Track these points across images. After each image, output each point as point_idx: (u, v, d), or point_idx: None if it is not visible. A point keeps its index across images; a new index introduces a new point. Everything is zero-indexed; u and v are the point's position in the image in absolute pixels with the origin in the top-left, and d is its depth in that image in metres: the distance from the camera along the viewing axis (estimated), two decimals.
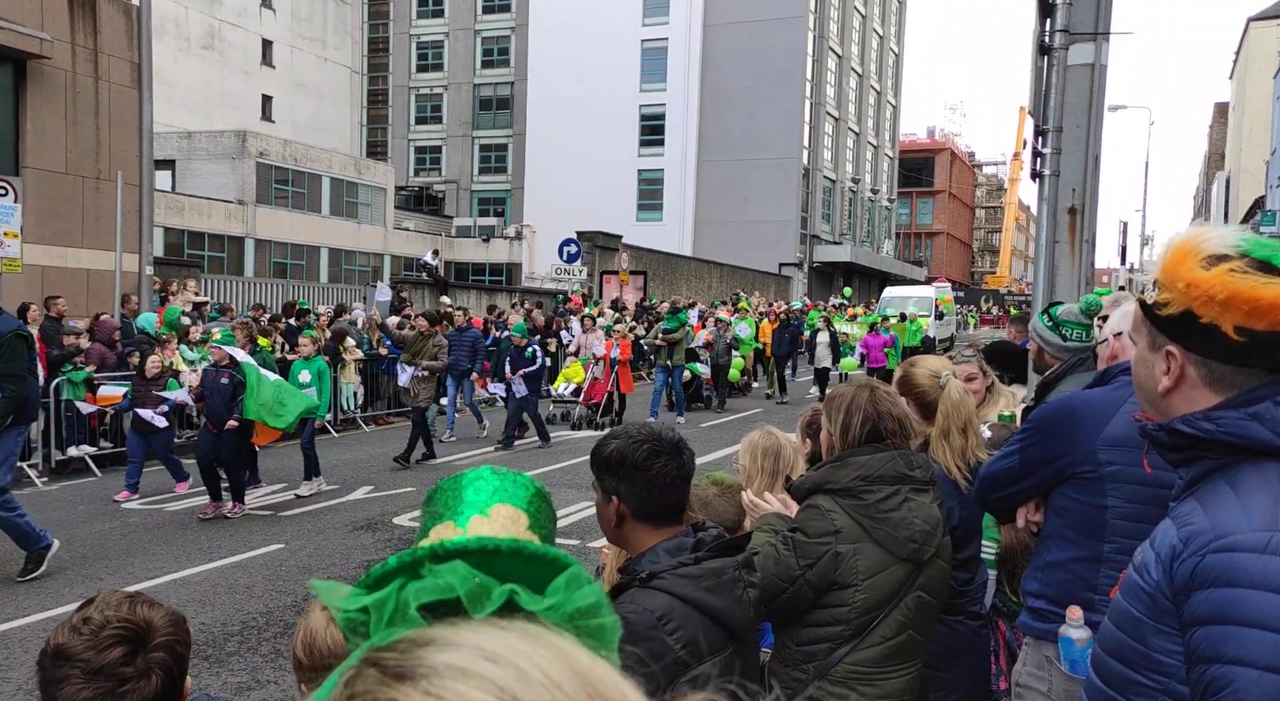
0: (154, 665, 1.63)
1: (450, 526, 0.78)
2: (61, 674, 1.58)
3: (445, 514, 0.81)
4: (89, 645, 1.60)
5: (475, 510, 0.79)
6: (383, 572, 0.62)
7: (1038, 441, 2.51)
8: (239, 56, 41.86)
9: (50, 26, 15.31)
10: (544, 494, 0.85)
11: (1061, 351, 3.37)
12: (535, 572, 0.62)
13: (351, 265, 36.41)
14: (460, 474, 0.85)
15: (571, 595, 0.60)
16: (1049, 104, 5.34)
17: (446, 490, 0.85)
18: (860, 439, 2.53)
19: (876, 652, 2.41)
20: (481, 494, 0.81)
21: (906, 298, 31.47)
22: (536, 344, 13.33)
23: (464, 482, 0.84)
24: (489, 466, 0.87)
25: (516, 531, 0.78)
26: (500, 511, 0.79)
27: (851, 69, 53.14)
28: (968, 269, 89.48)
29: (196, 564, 7.34)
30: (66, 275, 15.24)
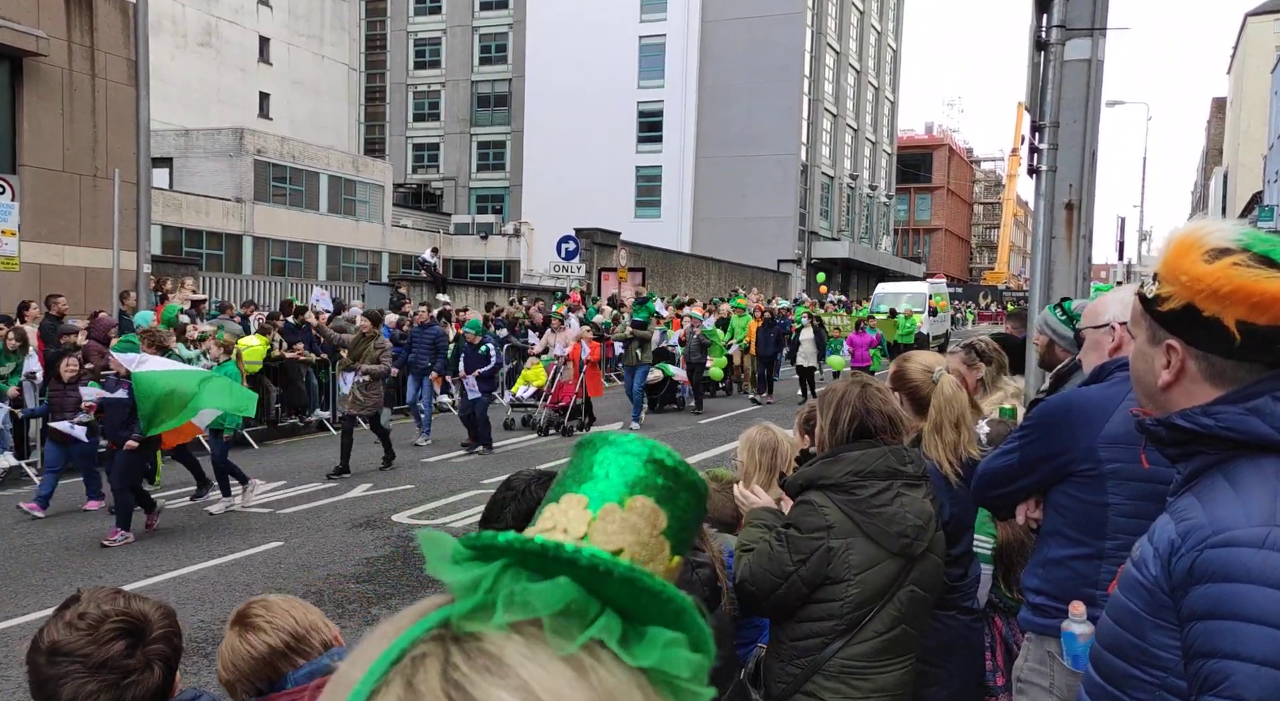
0: (154, 657, 1.64)
1: (581, 504, 0.69)
2: (62, 670, 1.58)
3: (583, 483, 0.71)
4: (89, 639, 1.59)
5: (613, 496, 0.69)
6: (490, 544, 0.58)
7: (1037, 439, 2.51)
8: (236, 53, 41.79)
9: (46, 24, 15.27)
10: (700, 491, 0.74)
11: (1073, 345, 3.38)
12: (646, 605, 0.57)
13: (350, 263, 36.38)
14: (620, 439, 0.74)
15: (666, 658, 0.55)
16: (1046, 99, 5.34)
17: (597, 451, 0.74)
18: (848, 435, 2.54)
19: (870, 647, 2.41)
20: (628, 475, 0.71)
21: (900, 294, 31.18)
22: (491, 341, 12.58)
23: (613, 455, 0.73)
24: (651, 442, 0.74)
25: (649, 533, 0.69)
26: (638, 505, 0.69)
27: (850, 65, 53.10)
28: (966, 265, 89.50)
29: (196, 561, 7.34)
30: (64, 273, 15.22)
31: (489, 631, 0.53)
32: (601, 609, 0.56)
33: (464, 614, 0.54)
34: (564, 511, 0.70)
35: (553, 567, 0.57)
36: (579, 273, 26.33)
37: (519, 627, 0.53)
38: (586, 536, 0.68)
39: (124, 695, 1.59)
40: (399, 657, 0.51)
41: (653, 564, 0.69)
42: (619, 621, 0.56)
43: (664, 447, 0.74)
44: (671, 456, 0.73)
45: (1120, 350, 2.60)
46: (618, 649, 0.54)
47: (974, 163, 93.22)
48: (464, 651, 0.51)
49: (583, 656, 0.52)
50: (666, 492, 0.71)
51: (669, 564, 0.70)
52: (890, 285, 35.18)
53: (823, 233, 50.20)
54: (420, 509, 9.24)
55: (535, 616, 0.54)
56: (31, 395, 10.76)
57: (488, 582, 0.56)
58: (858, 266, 52.32)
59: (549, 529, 0.69)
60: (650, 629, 0.56)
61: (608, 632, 0.55)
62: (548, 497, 0.73)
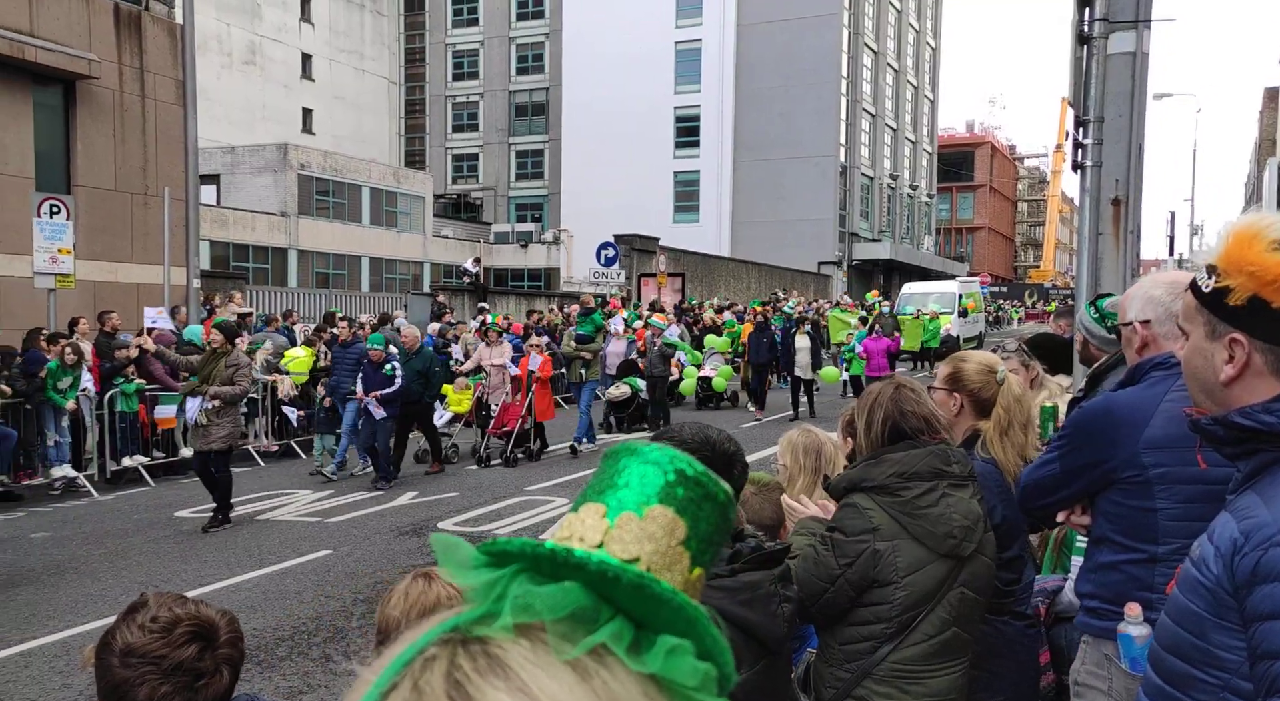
0: (222, 661, 1.67)
1: (599, 513, 0.69)
2: (137, 673, 1.61)
3: (604, 492, 0.71)
4: (164, 642, 1.62)
5: (631, 505, 0.70)
6: (504, 550, 0.59)
7: (1076, 447, 2.45)
8: (279, 71, 42.60)
9: (98, 47, 15.70)
10: (723, 502, 0.73)
11: (1106, 343, 3.30)
12: (656, 612, 0.57)
13: (392, 273, 36.84)
14: (643, 448, 0.74)
15: (670, 665, 0.55)
16: (1089, 94, 5.25)
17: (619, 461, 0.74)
18: (882, 437, 2.51)
19: (921, 650, 2.38)
20: (648, 484, 0.70)
21: (927, 294, 29.98)
22: (397, 360, 10.91)
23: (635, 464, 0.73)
24: (673, 452, 0.73)
25: (667, 543, 0.68)
26: (656, 515, 0.69)
27: (888, 64, 52.66)
28: (1011, 263, 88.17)
29: (247, 570, 7.46)
30: (117, 289, 15.61)
31: (496, 635, 0.54)
32: (612, 615, 0.56)
33: (474, 618, 0.55)
34: (581, 520, 0.70)
35: (563, 573, 0.57)
36: (619, 279, 26.39)
37: (527, 632, 0.54)
38: (602, 545, 0.68)
39: (195, 697, 1.63)
40: (410, 660, 0.52)
41: (669, 574, 0.68)
42: (630, 628, 0.56)
43: (686, 458, 0.73)
44: (693, 467, 0.73)
45: (1146, 350, 2.51)
46: (624, 655, 0.54)
47: (1017, 160, 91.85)
48: (469, 653, 0.52)
49: (587, 661, 0.53)
50: (687, 503, 0.71)
51: (689, 575, 0.70)
52: (917, 285, 33.75)
53: (863, 234, 49.78)
54: (465, 516, 9.31)
55: (540, 620, 0.54)
56: (88, 409, 11.04)
57: (500, 588, 0.56)
58: (899, 267, 51.77)
59: (566, 537, 0.70)
60: (660, 636, 0.57)
61: (615, 638, 0.55)
62: (577, 500, 0.73)
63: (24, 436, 10.53)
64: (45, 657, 5.66)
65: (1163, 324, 2.47)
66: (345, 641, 5.85)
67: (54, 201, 12.42)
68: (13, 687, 5.24)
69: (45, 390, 10.54)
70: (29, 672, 5.44)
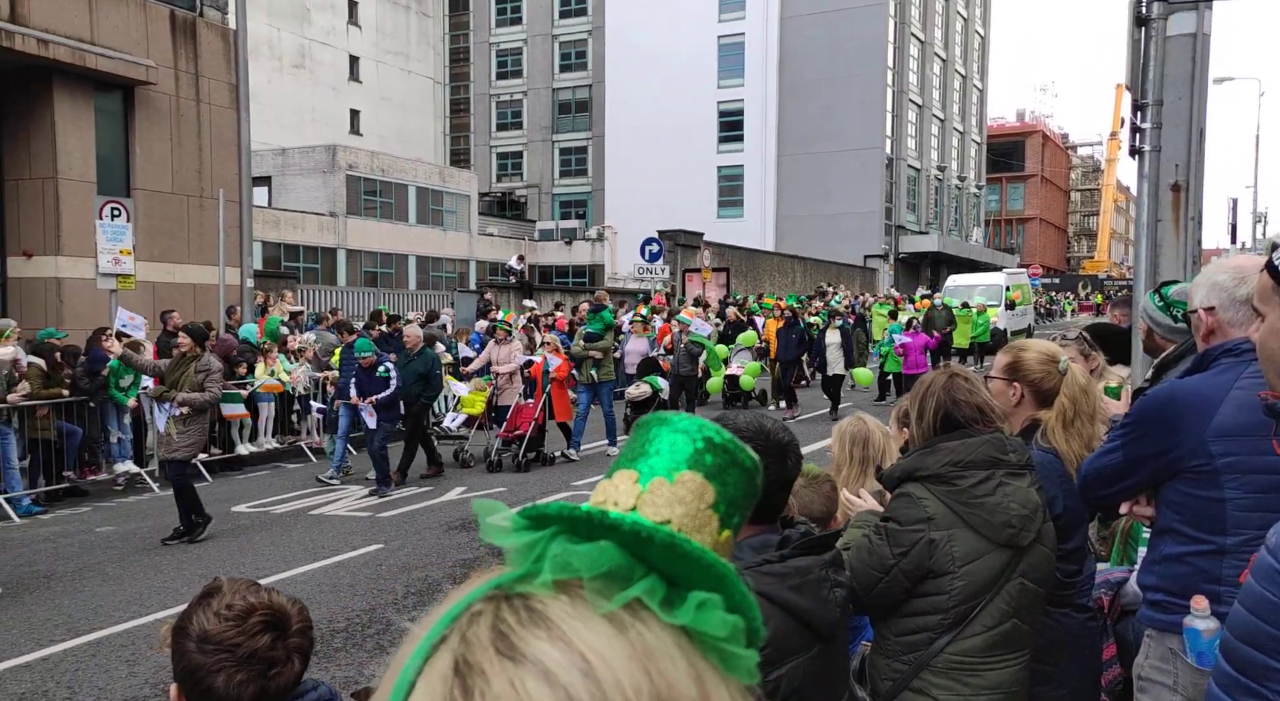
0: (293, 650, 1.70)
1: (631, 478, 0.74)
2: (213, 660, 1.64)
3: (636, 459, 0.76)
4: (239, 631, 1.65)
5: (662, 470, 0.74)
6: (543, 513, 0.62)
7: (1140, 436, 2.40)
8: (328, 74, 43.28)
9: (155, 53, 16.09)
10: (749, 468, 0.76)
11: (1172, 332, 3.21)
12: (688, 570, 0.60)
13: (439, 272, 37.24)
14: (673, 418, 0.78)
15: (700, 618, 0.57)
16: (1148, 77, 5.12)
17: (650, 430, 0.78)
18: (934, 427, 2.48)
19: (979, 642, 2.34)
20: (678, 452, 0.75)
21: (972, 286, 29.02)
22: (389, 362, 10.53)
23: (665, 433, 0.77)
24: (702, 420, 0.77)
25: (696, 506, 0.73)
26: (686, 480, 0.73)
27: (935, 54, 51.88)
28: (1063, 254, 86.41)
29: (302, 563, 7.61)
30: (175, 290, 16.00)
31: (537, 591, 0.57)
32: (646, 573, 0.59)
33: (516, 577, 0.58)
34: (615, 486, 0.75)
35: (598, 533, 0.61)
36: (663, 274, 26.38)
37: (566, 590, 0.57)
38: (635, 509, 0.72)
39: (268, 685, 1.66)
40: (457, 616, 0.56)
41: (699, 535, 0.72)
42: (662, 585, 0.59)
43: (714, 426, 0.77)
44: (721, 434, 0.77)
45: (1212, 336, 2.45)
46: (658, 609, 0.57)
47: (1070, 149, 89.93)
48: (512, 608, 0.55)
49: (623, 614, 0.55)
50: (715, 469, 0.75)
51: (718, 537, 0.74)
52: (962, 277, 32.77)
53: (910, 226, 49.14)
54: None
55: (578, 577, 0.57)
56: (149, 406, 11.32)
57: (538, 549, 0.59)
58: (947, 259, 51.01)
59: (601, 501, 0.74)
60: (692, 592, 0.59)
61: (649, 594, 0.58)
62: (610, 468, 0.77)
63: (88, 433, 10.85)
64: (112, 647, 5.83)
65: (1227, 310, 2.41)
66: (398, 633, 5.93)
67: (115, 204, 12.75)
68: (82, 675, 5.41)
69: (108, 388, 10.84)
70: (96, 661, 5.61)
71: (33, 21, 14.34)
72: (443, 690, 0.52)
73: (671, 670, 0.53)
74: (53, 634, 6.09)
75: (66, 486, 10.48)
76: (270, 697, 1.67)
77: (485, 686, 0.51)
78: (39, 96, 14.91)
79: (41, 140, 14.99)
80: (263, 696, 1.66)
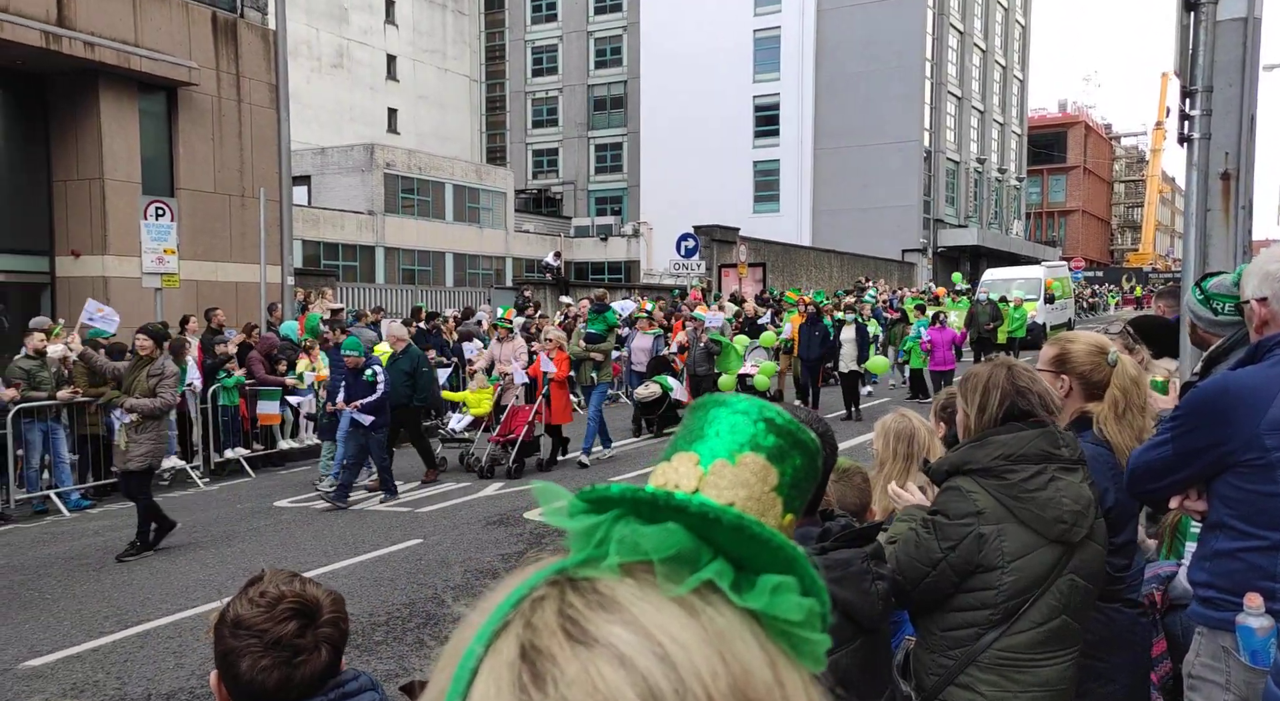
0: (322, 639, 1.72)
1: (692, 461, 0.72)
2: (242, 643, 1.68)
3: (695, 441, 0.73)
4: (267, 617, 1.69)
5: (724, 452, 0.71)
6: (604, 496, 0.60)
7: (1191, 429, 2.35)
8: (366, 73, 43.72)
9: (197, 55, 16.35)
10: (811, 450, 0.74)
11: (1214, 326, 3.14)
12: (756, 553, 0.58)
13: (475, 269, 37.49)
14: (731, 399, 0.75)
15: (775, 602, 0.56)
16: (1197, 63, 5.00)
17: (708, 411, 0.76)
18: (998, 418, 2.43)
19: (1028, 638, 2.30)
20: (738, 433, 0.72)
21: (1010, 280, 28.31)
22: (378, 365, 9.96)
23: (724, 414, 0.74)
24: (761, 401, 0.75)
25: (760, 489, 0.70)
26: (749, 461, 0.71)
27: (974, 45, 51.17)
28: (1107, 247, 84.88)
29: (343, 558, 7.70)
30: (217, 288, 16.26)
31: (603, 575, 0.55)
32: (714, 556, 0.57)
33: (579, 561, 0.56)
34: (675, 468, 0.72)
35: (663, 516, 0.58)
36: (699, 270, 26.33)
37: (632, 573, 0.55)
38: (698, 491, 0.70)
39: (294, 672, 1.68)
40: (520, 601, 0.53)
41: (764, 518, 0.69)
42: (731, 568, 0.57)
43: (774, 407, 0.75)
44: (782, 415, 0.74)
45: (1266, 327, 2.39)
46: (729, 592, 0.55)
47: (1113, 139, 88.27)
48: (579, 591, 0.53)
49: (693, 598, 0.54)
50: (778, 451, 0.73)
51: (781, 520, 0.72)
52: (999, 271, 31.95)
53: (949, 220, 48.55)
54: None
55: (645, 559, 0.55)
56: (194, 403, 11.53)
57: (601, 532, 0.57)
58: (987, 253, 50.32)
59: (662, 484, 0.71)
60: (762, 576, 0.57)
61: (719, 576, 0.56)
62: (668, 449, 0.75)
63: None
64: (160, 638, 5.95)
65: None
66: (438, 627, 5.99)
67: (159, 204, 12.99)
68: (131, 666, 5.52)
69: None
70: (145, 652, 5.72)
71: (79, 25, 14.64)
72: (510, 677, 0.50)
73: (746, 655, 0.52)
74: (103, 626, 6.23)
75: (114, 481, 10.70)
76: (296, 686, 1.69)
77: (557, 672, 0.49)
78: (86, 99, 15.22)
79: (88, 142, 15.31)
80: (287, 684, 1.68)
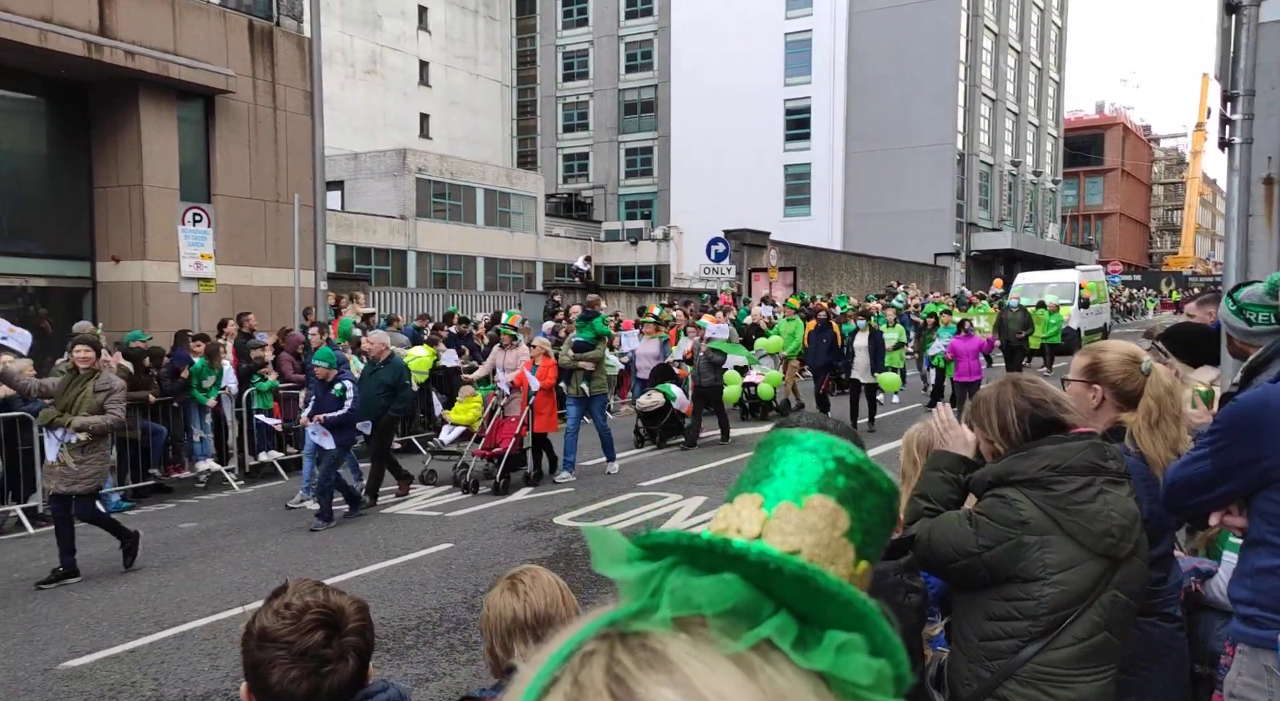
0: (348, 648, 1.73)
1: (756, 503, 0.67)
2: (269, 655, 1.69)
3: (760, 482, 0.69)
4: (293, 628, 1.70)
5: (790, 494, 0.67)
6: (659, 543, 0.57)
7: (1231, 443, 2.30)
8: (399, 79, 44.15)
9: (234, 62, 16.60)
10: (886, 491, 0.69)
11: (1249, 337, 3.07)
12: (822, 607, 0.54)
13: (506, 273, 37.69)
14: (799, 435, 0.71)
15: (841, 662, 0.52)
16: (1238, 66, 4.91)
17: (774, 449, 0.71)
18: (1025, 434, 2.39)
19: (1069, 653, 2.26)
20: (805, 473, 0.68)
21: (1044, 284, 27.66)
22: (349, 378, 9.30)
23: (791, 452, 0.70)
24: (831, 438, 0.70)
25: (829, 534, 0.66)
26: (817, 504, 0.66)
27: (1009, 46, 50.64)
28: (1145, 250, 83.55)
29: (375, 561, 7.76)
30: (252, 293, 16.48)
31: (655, 629, 0.52)
32: (775, 609, 0.54)
33: (631, 613, 0.54)
34: (737, 511, 0.68)
35: (721, 565, 0.55)
36: (729, 274, 26.27)
37: (687, 626, 0.52)
38: (761, 536, 0.65)
39: (322, 682, 1.69)
40: (569, 656, 0.51)
41: (834, 566, 0.65)
42: (794, 623, 0.54)
43: (845, 445, 0.70)
44: (854, 454, 0.69)
45: None
46: (791, 651, 0.52)
47: (1152, 141, 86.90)
48: (628, 648, 0.50)
49: (752, 656, 0.50)
50: (849, 493, 0.68)
51: (854, 569, 0.67)
52: (1032, 274, 31.33)
53: (982, 223, 48.04)
54: (580, 511, 9.43)
55: (700, 613, 0.52)
56: (229, 406, 11.69)
57: (655, 581, 0.55)
58: (1021, 256, 49.71)
59: (722, 529, 0.67)
60: (828, 632, 0.54)
61: (780, 633, 0.52)
62: (732, 490, 0.71)
63: (172, 432, 11.24)
64: (195, 641, 6.03)
65: None
66: (467, 631, 6.01)
67: (196, 210, 13.19)
68: (167, 667, 5.60)
69: (190, 389, 11.22)
70: (180, 654, 5.80)
71: (120, 34, 14.91)
72: None
73: None
74: (140, 627, 6.32)
75: (152, 483, 10.88)
76: (325, 695, 1.70)
77: None
78: (126, 106, 15.50)
79: (128, 149, 15.59)
80: (316, 693, 1.69)
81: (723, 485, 10.31)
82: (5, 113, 15.25)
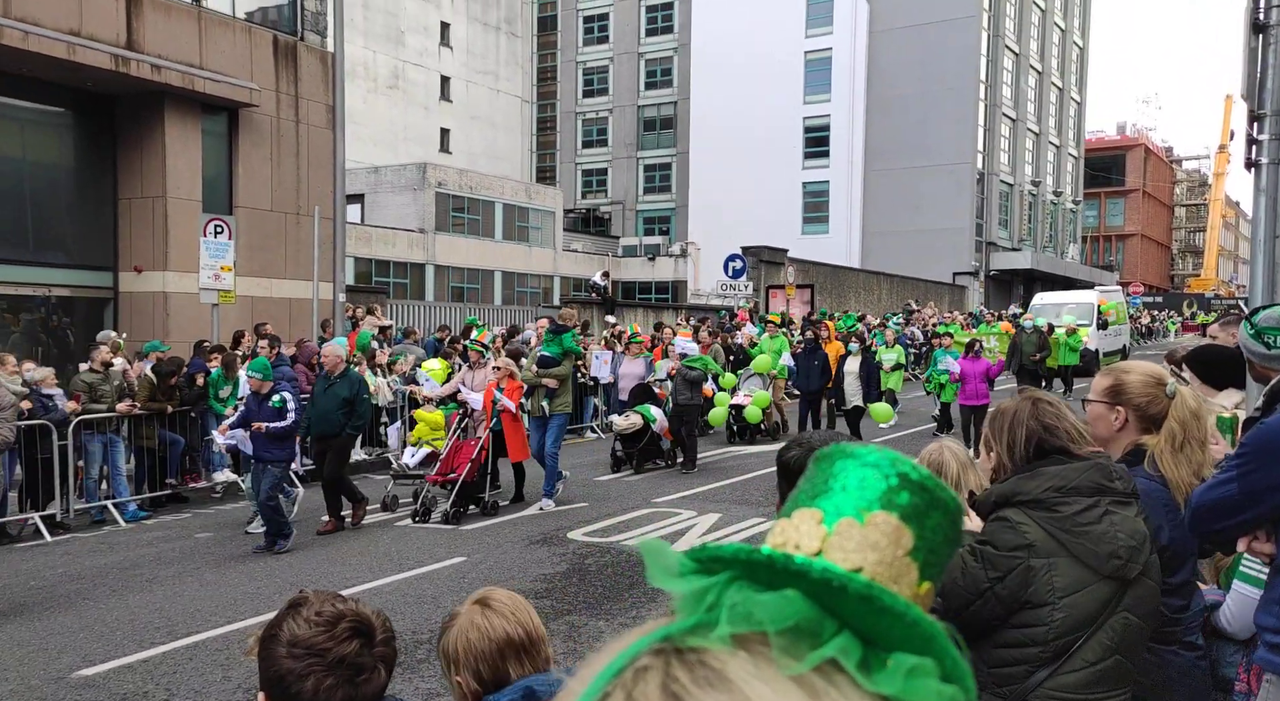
0: (379, 659, 1.71)
1: (815, 518, 0.65)
2: (304, 664, 1.66)
3: (819, 496, 0.66)
4: (328, 637, 1.67)
5: (850, 510, 0.64)
6: (716, 555, 0.55)
7: (1257, 467, 2.26)
8: (420, 93, 44.51)
9: (258, 77, 16.79)
10: (951, 509, 0.67)
11: (1269, 361, 3.02)
12: (888, 628, 0.52)
13: (523, 287, 37.80)
14: (859, 450, 0.68)
15: (911, 687, 0.49)
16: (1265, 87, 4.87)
17: (834, 463, 0.68)
18: (1027, 456, 2.37)
19: (1080, 677, 2.23)
20: (868, 489, 0.66)
21: (1061, 305, 27.11)
22: (288, 389, 8.87)
23: (852, 467, 0.67)
24: (894, 454, 0.67)
25: (892, 553, 0.63)
26: (879, 521, 0.64)
27: (1030, 66, 50.56)
28: (1167, 272, 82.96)
29: (388, 574, 7.75)
30: (271, 304, 16.60)
31: (713, 646, 0.50)
32: (838, 629, 0.51)
33: (687, 628, 0.51)
34: (795, 526, 0.65)
35: (781, 580, 0.53)
36: (746, 291, 26.22)
37: (745, 644, 0.50)
38: (821, 553, 0.63)
39: (356, 692, 1.67)
40: (621, 671, 0.49)
41: (897, 586, 0.63)
42: (858, 644, 0.51)
43: (908, 461, 0.67)
44: (918, 471, 0.67)
45: None
46: (856, 673, 0.49)
47: (1174, 162, 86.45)
48: (685, 664, 0.48)
49: (814, 678, 0.48)
50: (913, 510, 0.65)
51: (917, 589, 0.64)
52: (1050, 295, 30.64)
53: (1002, 243, 47.84)
54: (593, 526, 9.39)
55: (761, 630, 0.50)
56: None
57: (712, 595, 0.53)
58: (1041, 277, 49.43)
59: (781, 544, 0.65)
60: (894, 655, 0.51)
61: (844, 654, 0.50)
62: (787, 505, 0.68)
63: (189, 442, 11.30)
64: (207, 651, 6.02)
65: None
66: None
67: (218, 222, 13.31)
68: (180, 677, 5.60)
69: (207, 398, 11.28)
70: (193, 665, 5.80)
71: (147, 48, 15.12)
72: None
73: None
74: (154, 636, 6.33)
75: (169, 492, 10.92)
76: None
77: None
78: (151, 119, 15.69)
79: (152, 160, 15.77)
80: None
81: (738, 502, 10.25)
82: (33, 125, 15.47)
